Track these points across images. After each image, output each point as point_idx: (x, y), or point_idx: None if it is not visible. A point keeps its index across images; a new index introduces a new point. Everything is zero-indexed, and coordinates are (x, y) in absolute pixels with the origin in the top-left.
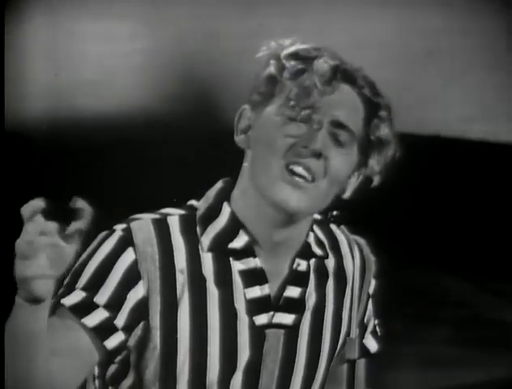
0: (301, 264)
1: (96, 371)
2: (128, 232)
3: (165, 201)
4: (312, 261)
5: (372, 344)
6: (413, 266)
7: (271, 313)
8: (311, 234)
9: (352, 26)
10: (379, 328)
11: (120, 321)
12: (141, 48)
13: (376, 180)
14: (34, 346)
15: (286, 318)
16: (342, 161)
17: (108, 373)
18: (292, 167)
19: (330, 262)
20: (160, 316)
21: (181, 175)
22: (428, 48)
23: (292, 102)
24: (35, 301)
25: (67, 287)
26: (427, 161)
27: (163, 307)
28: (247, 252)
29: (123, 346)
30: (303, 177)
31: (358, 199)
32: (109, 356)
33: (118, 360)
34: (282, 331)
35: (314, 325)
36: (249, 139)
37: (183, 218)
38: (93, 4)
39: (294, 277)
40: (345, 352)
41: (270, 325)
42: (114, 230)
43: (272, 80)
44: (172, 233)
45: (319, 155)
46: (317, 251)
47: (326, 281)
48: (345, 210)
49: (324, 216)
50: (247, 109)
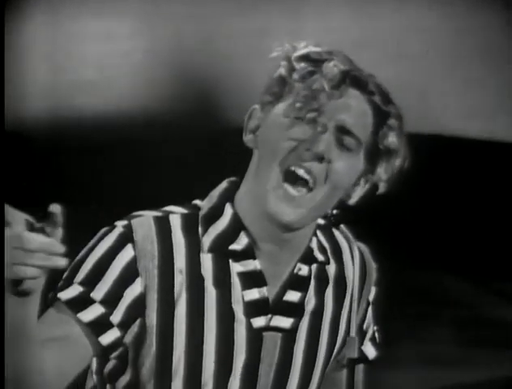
0: (303, 269)
1: (94, 366)
2: (128, 228)
3: (165, 200)
4: (313, 266)
5: (370, 351)
6: (414, 266)
7: (269, 316)
8: (314, 239)
9: (352, 25)
10: (378, 335)
11: (116, 317)
12: (140, 47)
13: (382, 188)
14: (25, 338)
15: (284, 322)
16: (345, 167)
17: (105, 369)
18: (294, 169)
19: (331, 267)
20: (157, 314)
21: (181, 174)
22: (427, 46)
23: (299, 103)
24: (22, 295)
25: (65, 281)
26: (427, 160)
27: (160, 305)
28: (247, 254)
29: (119, 342)
30: (304, 181)
31: (359, 200)
32: (104, 351)
33: (115, 356)
34: (279, 335)
35: (312, 330)
36: (257, 139)
37: (185, 217)
38: (93, 4)
39: (294, 281)
40: (345, 351)
41: (267, 328)
42: (115, 226)
43: (282, 81)
44: (173, 232)
45: (321, 158)
46: (319, 256)
47: (326, 287)
48: (345, 209)
49: (327, 220)
50: (257, 109)
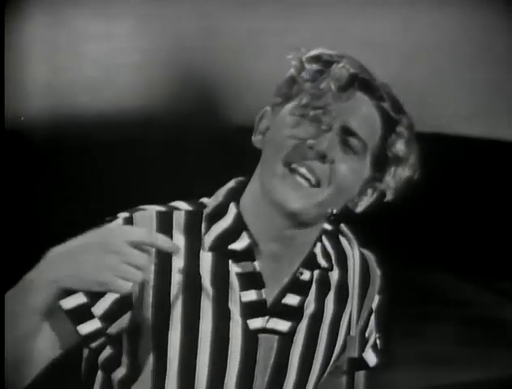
0: (304, 273)
1: (85, 353)
2: (129, 222)
3: (165, 200)
4: (316, 272)
5: (371, 358)
6: (413, 265)
7: (266, 317)
8: (318, 245)
9: (352, 24)
10: (380, 342)
11: (98, 309)
12: (141, 47)
13: (389, 195)
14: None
15: (281, 325)
16: (349, 169)
17: (100, 358)
18: (296, 167)
19: (334, 274)
20: (152, 309)
21: (182, 174)
22: (427, 45)
23: (305, 101)
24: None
25: None
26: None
27: (155, 301)
28: (247, 255)
29: (98, 334)
30: (306, 179)
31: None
32: (83, 340)
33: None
34: (275, 337)
35: (310, 334)
36: (264, 140)
37: (190, 214)
38: (93, 3)
39: (295, 285)
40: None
41: (264, 330)
42: (117, 218)
43: (291, 81)
44: (174, 228)
45: (324, 156)
46: (322, 262)
47: (327, 293)
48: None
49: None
50: (268, 111)
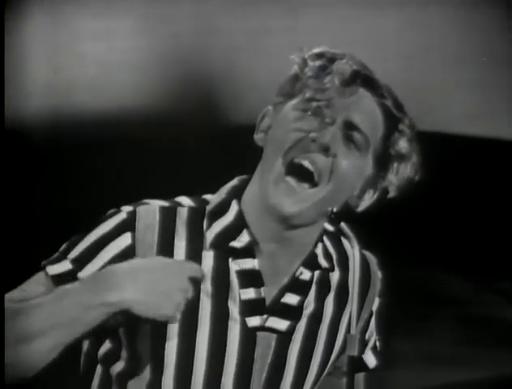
0: (305, 273)
1: (84, 347)
2: (132, 215)
3: (166, 199)
4: (316, 272)
5: (371, 360)
6: (413, 264)
7: (265, 316)
8: (320, 245)
9: (352, 24)
10: (379, 344)
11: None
12: (141, 46)
13: (392, 192)
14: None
15: (279, 324)
16: (351, 164)
17: (100, 351)
18: (298, 160)
19: (334, 275)
20: None
21: (182, 173)
22: (428, 45)
23: (308, 95)
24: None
25: (60, 253)
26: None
27: None
28: (247, 253)
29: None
30: (308, 173)
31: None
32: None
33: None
34: (274, 336)
35: (309, 334)
36: (266, 138)
37: (192, 210)
38: (93, 2)
39: (295, 285)
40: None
41: (262, 328)
42: (120, 211)
43: (295, 79)
44: (177, 224)
45: (327, 149)
46: (322, 263)
47: (327, 294)
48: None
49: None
50: (270, 110)
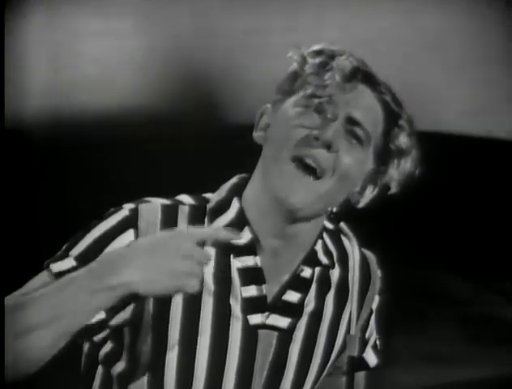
0: (305, 270)
1: (85, 348)
2: (134, 213)
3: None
4: (317, 269)
5: (371, 359)
6: (413, 264)
7: (266, 313)
8: (319, 242)
9: (352, 24)
10: (379, 342)
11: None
12: (141, 45)
13: (394, 188)
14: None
15: (281, 321)
16: (353, 159)
17: (101, 352)
18: (301, 157)
19: (335, 273)
20: (154, 303)
21: (182, 172)
22: (427, 44)
23: (309, 91)
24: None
25: (63, 251)
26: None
27: None
28: (248, 250)
29: (102, 324)
30: (311, 169)
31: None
32: (86, 330)
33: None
34: (275, 334)
35: (309, 332)
36: (266, 136)
37: (193, 208)
38: (93, 2)
39: (296, 282)
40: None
41: (263, 326)
42: (122, 208)
43: (294, 76)
44: (179, 222)
45: (329, 146)
46: (323, 259)
47: (328, 291)
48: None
49: (333, 223)
50: (269, 108)
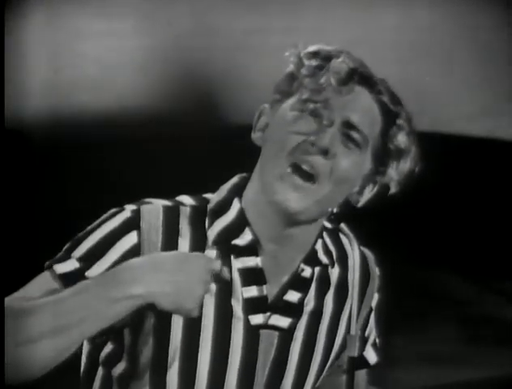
0: (306, 270)
1: (86, 349)
2: (137, 214)
3: (166, 198)
4: (317, 268)
5: (371, 356)
6: (414, 264)
7: (268, 314)
8: (319, 241)
9: (352, 24)
10: (379, 340)
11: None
12: (141, 45)
13: (393, 188)
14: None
15: (282, 321)
16: (351, 163)
17: (102, 353)
18: (298, 164)
19: (334, 272)
20: None
21: (182, 172)
22: (427, 45)
23: (305, 96)
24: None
25: (65, 252)
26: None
27: None
28: (249, 251)
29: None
30: (308, 175)
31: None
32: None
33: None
34: (276, 333)
35: (309, 331)
36: (264, 137)
37: (194, 209)
38: (93, 2)
39: (296, 282)
40: (347, 350)
41: (265, 326)
42: (124, 209)
43: (291, 78)
44: (180, 223)
45: (326, 152)
46: (322, 259)
47: (327, 290)
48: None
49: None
50: (266, 108)
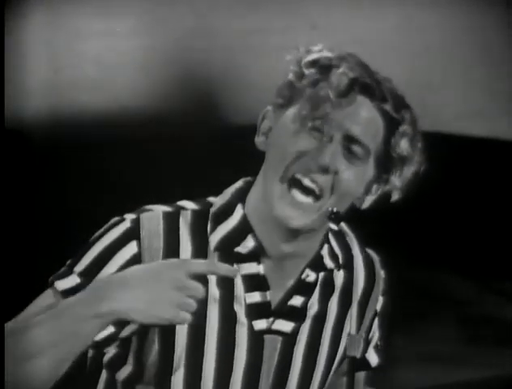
0: (310, 275)
1: (90, 353)
2: (136, 223)
3: (166, 199)
4: (321, 273)
5: (373, 358)
6: (414, 264)
7: (271, 319)
8: (325, 246)
9: (352, 24)
10: (382, 342)
11: None
12: (141, 45)
13: (396, 195)
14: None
15: (285, 326)
16: (354, 177)
17: (105, 357)
18: (299, 178)
19: (339, 275)
20: None
21: (182, 173)
22: (427, 45)
23: (304, 111)
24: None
25: (68, 267)
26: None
27: None
28: (251, 258)
29: (112, 338)
30: (309, 190)
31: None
32: (96, 345)
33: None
34: (279, 338)
35: (313, 335)
36: (267, 142)
37: (196, 213)
38: (93, 2)
39: (301, 287)
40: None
41: (269, 331)
42: (124, 219)
43: (291, 86)
44: (181, 229)
45: (326, 169)
46: (328, 264)
47: (332, 294)
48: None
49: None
50: (270, 111)
